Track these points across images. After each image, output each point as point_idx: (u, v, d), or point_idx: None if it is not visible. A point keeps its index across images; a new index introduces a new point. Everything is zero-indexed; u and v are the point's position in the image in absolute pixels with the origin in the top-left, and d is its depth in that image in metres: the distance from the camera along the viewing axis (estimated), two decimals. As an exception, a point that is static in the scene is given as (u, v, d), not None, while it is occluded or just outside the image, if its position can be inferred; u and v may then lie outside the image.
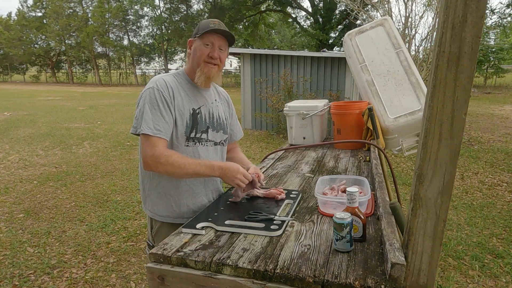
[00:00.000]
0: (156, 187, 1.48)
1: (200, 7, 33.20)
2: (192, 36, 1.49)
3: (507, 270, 2.80)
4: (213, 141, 1.54)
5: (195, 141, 1.48)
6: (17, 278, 2.67)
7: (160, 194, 1.48)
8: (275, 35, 36.97)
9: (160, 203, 1.49)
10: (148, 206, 1.52)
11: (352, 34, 2.72)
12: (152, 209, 1.51)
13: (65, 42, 34.75)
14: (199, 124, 1.48)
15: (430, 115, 0.80)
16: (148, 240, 1.59)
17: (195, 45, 1.48)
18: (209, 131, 1.52)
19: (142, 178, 1.53)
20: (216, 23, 1.44)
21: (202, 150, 1.50)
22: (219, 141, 1.58)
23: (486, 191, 4.67)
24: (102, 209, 4.03)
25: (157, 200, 1.49)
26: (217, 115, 1.57)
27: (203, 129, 1.50)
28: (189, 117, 1.45)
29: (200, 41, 1.45)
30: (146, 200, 1.53)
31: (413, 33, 7.75)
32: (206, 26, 1.43)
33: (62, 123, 10.11)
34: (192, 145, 1.47)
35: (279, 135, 8.55)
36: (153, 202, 1.50)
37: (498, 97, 17.45)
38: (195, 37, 1.47)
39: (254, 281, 0.94)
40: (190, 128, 1.45)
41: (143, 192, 1.54)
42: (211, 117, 1.54)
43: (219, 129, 1.57)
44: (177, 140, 1.44)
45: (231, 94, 2.11)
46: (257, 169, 1.55)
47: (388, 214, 1.15)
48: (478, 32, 0.74)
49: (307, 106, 2.72)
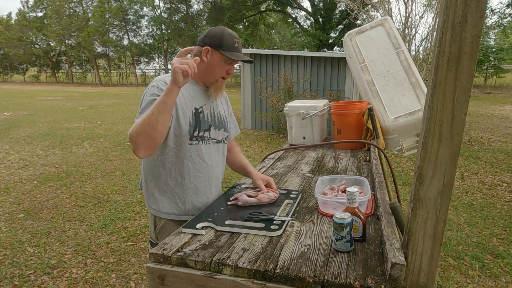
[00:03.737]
0: (160, 185, 1.49)
1: (200, 7, 33.22)
2: (212, 45, 1.44)
3: (507, 270, 2.80)
4: (215, 139, 1.56)
5: (198, 139, 1.49)
6: (17, 278, 2.67)
7: (165, 192, 1.50)
8: (275, 35, 36.97)
9: (164, 201, 1.50)
10: (152, 204, 1.53)
11: (352, 34, 2.72)
12: (157, 207, 1.52)
13: (65, 42, 34.76)
14: (201, 123, 1.50)
15: (430, 115, 0.80)
16: (151, 238, 1.59)
17: (215, 59, 1.45)
18: (211, 129, 1.54)
19: (145, 177, 1.54)
20: (239, 42, 1.47)
21: (204, 148, 1.51)
22: (220, 139, 1.60)
23: (486, 191, 4.67)
24: (102, 209, 4.03)
25: (162, 198, 1.50)
26: (218, 114, 1.59)
27: (206, 128, 1.51)
28: (191, 116, 1.46)
29: (223, 58, 1.44)
30: (149, 198, 1.54)
31: (413, 33, 7.75)
32: (232, 46, 1.44)
33: (62, 123, 10.11)
34: (195, 143, 1.48)
35: (279, 135, 8.54)
36: (157, 199, 1.51)
37: (498, 97, 17.44)
38: (217, 48, 1.44)
39: (254, 281, 0.94)
40: (193, 127, 1.46)
41: (146, 191, 1.55)
42: (213, 116, 1.55)
43: (221, 127, 1.59)
44: (180, 138, 1.45)
45: (231, 94, 2.11)
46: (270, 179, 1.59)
47: (388, 214, 1.15)
48: (478, 32, 0.74)
49: (307, 106, 2.72)
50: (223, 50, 1.43)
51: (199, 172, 1.51)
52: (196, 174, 1.50)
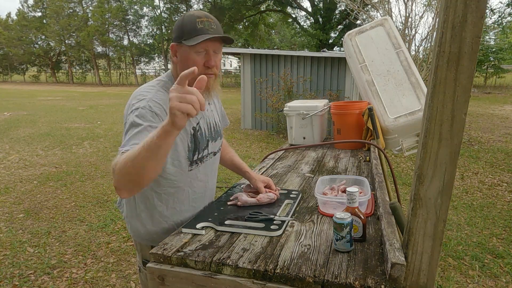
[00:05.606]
0: (154, 215, 1.33)
1: (200, 7, 33.20)
2: (175, 39, 1.20)
3: (507, 270, 2.80)
4: (212, 152, 1.43)
5: (198, 162, 1.34)
6: (17, 278, 2.67)
7: (160, 223, 1.34)
8: (275, 35, 36.97)
9: (157, 231, 1.34)
10: (143, 234, 1.37)
11: (352, 34, 2.72)
12: (149, 237, 1.36)
13: (65, 42, 34.76)
14: (200, 142, 1.32)
15: (430, 115, 0.80)
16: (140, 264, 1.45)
17: (183, 54, 1.20)
18: (209, 144, 1.38)
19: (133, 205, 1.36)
20: (205, 21, 1.17)
21: (202, 167, 1.38)
22: (217, 149, 1.47)
23: (486, 191, 4.67)
24: (102, 209, 4.03)
25: (155, 229, 1.35)
26: (213, 123, 1.42)
27: (204, 146, 1.35)
28: (190, 139, 1.28)
29: (190, 48, 1.17)
30: (138, 229, 1.37)
31: (413, 33, 7.75)
32: (194, 29, 1.16)
33: (62, 123, 10.11)
34: (195, 167, 1.33)
35: (279, 135, 8.55)
36: (150, 231, 1.35)
37: (498, 97, 17.44)
38: (180, 42, 1.19)
39: (254, 281, 0.94)
40: (192, 151, 1.29)
41: (133, 220, 1.37)
42: (209, 128, 1.38)
43: (217, 137, 1.44)
44: (180, 168, 1.28)
45: (231, 94, 2.11)
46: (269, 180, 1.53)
47: (388, 214, 1.15)
48: (478, 32, 0.74)
49: (307, 106, 2.72)
50: (184, 40, 1.17)
51: (197, 194, 1.39)
52: (194, 197, 1.38)
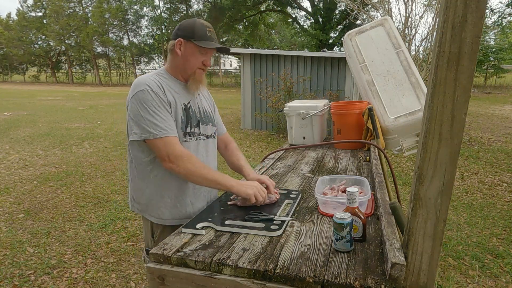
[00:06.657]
0: (160, 191, 1.47)
1: (200, 7, 33.23)
2: (184, 37, 1.44)
3: (507, 270, 2.80)
4: (205, 135, 1.56)
5: (191, 135, 1.49)
6: (17, 278, 2.67)
7: (164, 197, 1.47)
8: (275, 35, 36.97)
9: (163, 207, 1.48)
10: (151, 212, 1.50)
11: (352, 34, 2.72)
12: (156, 214, 1.49)
13: (65, 42, 34.76)
14: (191, 118, 1.49)
15: (430, 115, 0.80)
16: (148, 246, 1.56)
17: (188, 50, 1.45)
18: (200, 125, 1.54)
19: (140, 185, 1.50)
20: (212, 32, 1.45)
21: (198, 144, 1.52)
22: (210, 134, 1.60)
23: (486, 191, 4.67)
24: (102, 209, 4.03)
25: (161, 204, 1.48)
26: (203, 109, 1.58)
27: (195, 124, 1.51)
28: (182, 112, 1.46)
29: (198, 48, 1.43)
30: (147, 207, 1.51)
31: (413, 33, 7.75)
32: (205, 35, 1.42)
33: (62, 123, 10.11)
34: (189, 140, 1.48)
35: (279, 135, 8.55)
36: (157, 207, 1.48)
37: (498, 97, 17.44)
38: (189, 40, 1.43)
39: (254, 281, 0.94)
40: (185, 124, 1.46)
41: (142, 200, 1.51)
42: (199, 111, 1.55)
43: (208, 122, 1.58)
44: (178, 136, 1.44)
45: (231, 94, 2.11)
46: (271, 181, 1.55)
47: (388, 214, 1.15)
48: (478, 32, 0.74)
49: (307, 106, 2.72)
50: (195, 40, 1.42)
51: None
52: None
